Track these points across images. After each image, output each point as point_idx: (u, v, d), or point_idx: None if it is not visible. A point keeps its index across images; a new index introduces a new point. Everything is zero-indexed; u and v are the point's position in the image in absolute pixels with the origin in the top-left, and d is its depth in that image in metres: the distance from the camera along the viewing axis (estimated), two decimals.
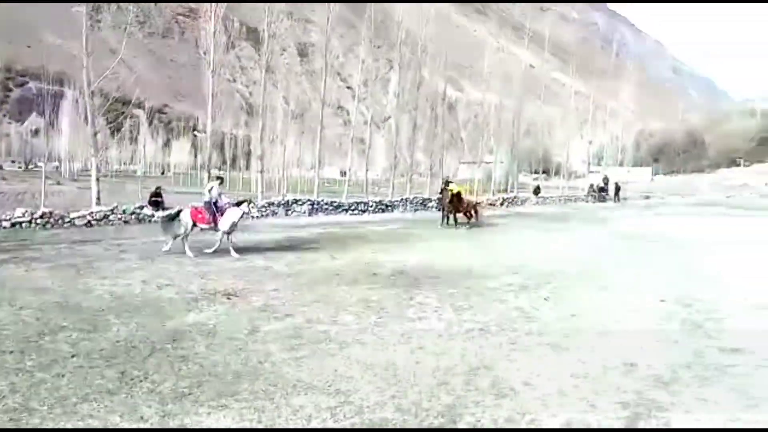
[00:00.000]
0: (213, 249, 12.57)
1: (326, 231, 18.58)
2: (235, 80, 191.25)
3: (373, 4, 30.39)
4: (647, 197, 47.87)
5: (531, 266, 11.69)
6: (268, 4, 24.40)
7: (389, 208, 28.92)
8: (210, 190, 13.10)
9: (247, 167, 79.51)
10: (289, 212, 24.45)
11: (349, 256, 12.73)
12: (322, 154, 31.24)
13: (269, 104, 43.77)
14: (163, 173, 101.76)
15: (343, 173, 57.41)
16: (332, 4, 26.91)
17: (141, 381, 5.11)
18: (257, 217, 22.86)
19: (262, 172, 27.87)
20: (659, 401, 4.75)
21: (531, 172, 66.40)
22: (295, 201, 25.53)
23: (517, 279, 10.30)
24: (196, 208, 12.82)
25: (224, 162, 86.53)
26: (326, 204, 26.18)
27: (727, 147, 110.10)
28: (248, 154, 76.58)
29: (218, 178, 15.08)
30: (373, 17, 30.88)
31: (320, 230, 18.73)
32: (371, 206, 28.12)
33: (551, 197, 42.71)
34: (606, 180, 46.83)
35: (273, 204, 24.44)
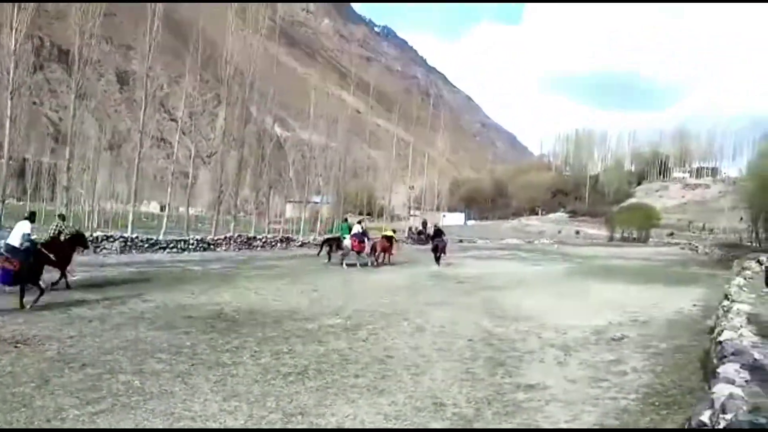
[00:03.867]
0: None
1: (138, 270, 17.31)
2: (42, 103, 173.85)
3: (199, 36, 29.69)
4: (461, 241, 51.35)
5: (350, 307, 11.88)
6: (78, 25, 22.72)
7: (212, 246, 27.80)
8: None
9: (52, 198, 72.04)
10: (98, 249, 22.42)
11: (162, 298, 11.93)
12: (141, 188, 29.39)
13: (82, 132, 40.39)
14: None
15: (162, 208, 54.26)
16: (154, 31, 25.80)
17: None
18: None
19: (67, 204, 25.43)
20: None
21: (357, 214, 68.27)
22: (106, 237, 23.58)
23: (338, 321, 10.38)
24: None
25: (24, 191, 77.28)
26: (141, 241, 24.53)
27: (527, 197, 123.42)
28: (54, 183, 69.50)
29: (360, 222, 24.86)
30: (201, 49, 30.17)
31: (132, 269, 17.41)
32: (192, 244, 26.86)
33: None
34: (425, 223, 49.47)
35: None
